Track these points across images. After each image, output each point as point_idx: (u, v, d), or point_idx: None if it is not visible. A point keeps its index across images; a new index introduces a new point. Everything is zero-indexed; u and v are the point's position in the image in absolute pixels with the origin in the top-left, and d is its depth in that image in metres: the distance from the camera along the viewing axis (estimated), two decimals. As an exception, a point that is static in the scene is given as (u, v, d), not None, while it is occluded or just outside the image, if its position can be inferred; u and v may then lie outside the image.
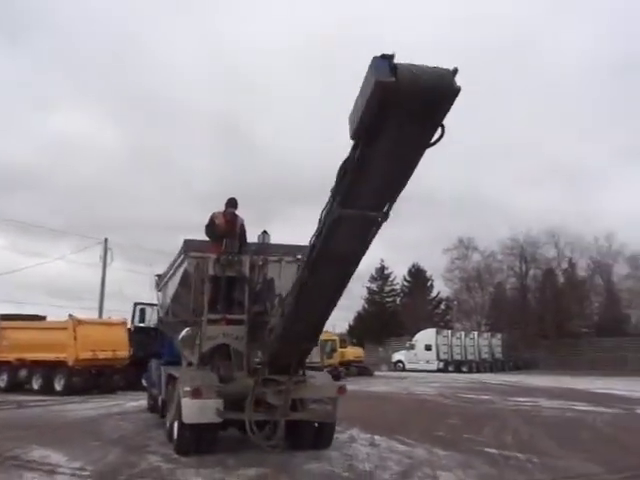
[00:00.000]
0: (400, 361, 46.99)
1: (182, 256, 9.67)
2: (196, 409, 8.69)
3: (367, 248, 6.47)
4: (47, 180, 71.19)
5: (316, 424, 9.44)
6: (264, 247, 9.73)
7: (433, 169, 77.96)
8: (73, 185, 71.58)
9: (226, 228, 9.48)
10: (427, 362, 45.17)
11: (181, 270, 9.99)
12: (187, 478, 7.62)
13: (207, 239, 9.62)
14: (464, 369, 44.89)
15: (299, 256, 9.68)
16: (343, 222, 5.89)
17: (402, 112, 4.56)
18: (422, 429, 12.23)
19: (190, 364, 9.07)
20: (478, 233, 66.95)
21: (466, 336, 48.99)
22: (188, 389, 8.70)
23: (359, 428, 11.89)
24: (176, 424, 9.30)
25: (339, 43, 76.84)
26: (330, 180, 5.69)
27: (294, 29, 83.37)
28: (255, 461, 8.60)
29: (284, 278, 9.57)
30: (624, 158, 73.57)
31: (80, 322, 21.71)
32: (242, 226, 9.72)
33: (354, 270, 6.87)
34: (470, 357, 47.52)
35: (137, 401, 18.15)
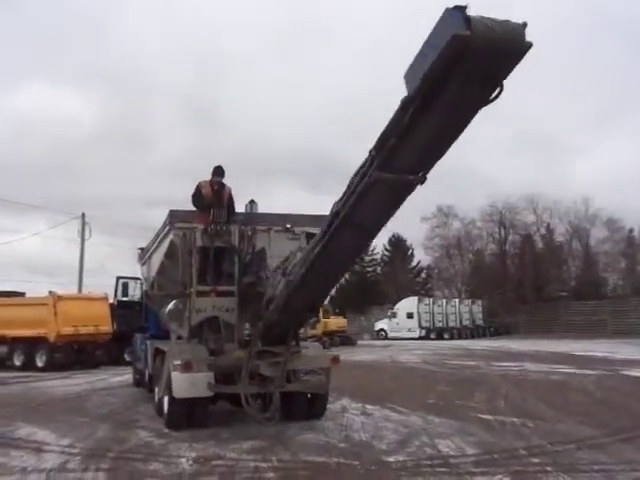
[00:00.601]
0: (382, 330, 47.19)
1: (167, 227, 9.34)
2: (187, 383, 8.48)
3: (394, 213, 6.27)
4: (17, 156, 69.46)
5: (309, 395, 9.29)
6: (252, 217, 9.44)
7: None
8: (43, 161, 70.02)
9: (213, 197, 9.13)
10: (409, 330, 45.40)
11: (167, 242, 9.66)
12: (180, 453, 7.43)
13: (193, 209, 9.28)
14: (446, 336, 45.21)
15: (288, 225, 9.48)
16: (379, 186, 5.63)
17: (471, 67, 4.28)
18: (413, 397, 12.19)
19: (179, 337, 8.82)
20: (457, 201, 66.89)
21: (447, 303, 49.28)
22: (178, 363, 8.47)
23: (349, 398, 11.79)
24: (166, 399, 9.08)
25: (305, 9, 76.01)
26: (300, 153, 5.49)
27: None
28: (248, 434, 8.45)
29: (273, 248, 9.32)
30: (598, 122, 73.83)
31: (60, 298, 21.28)
32: (230, 195, 9.39)
33: (374, 238, 6.68)
34: (451, 324, 47.85)
35: (122, 376, 17.90)
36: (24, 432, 8.94)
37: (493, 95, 4.63)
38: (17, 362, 21.18)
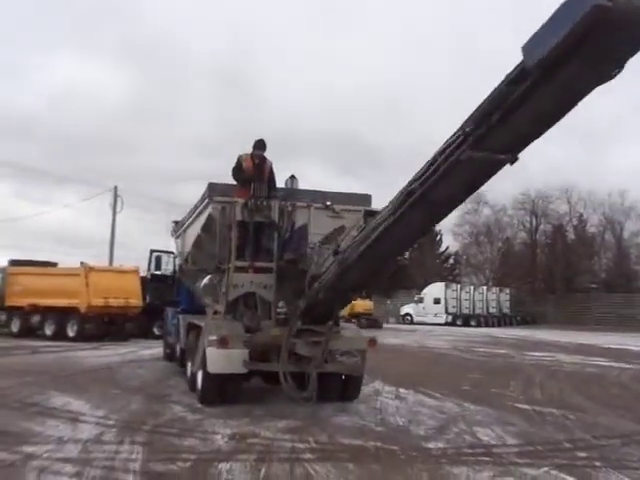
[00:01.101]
0: (408, 314, 47.02)
1: (206, 200, 9.19)
2: (222, 359, 8.38)
3: (473, 193, 6.01)
4: (50, 128, 70.13)
5: (343, 376, 9.14)
6: (292, 192, 9.24)
7: (442, 116, 77.12)
8: (75, 133, 70.69)
9: (254, 171, 8.95)
10: (435, 315, 45.19)
11: (205, 215, 9.53)
12: (215, 429, 7.33)
13: (232, 183, 9.12)
14: (472, 323, 44.90)
15: (328, 203, 9.27)
16: (467, 165, 5.29)
17: (604, 42, 3.93)
18: (446, 383, 11.98)
19: (215, 313, 8.70)
20: (488, 188, 65.93)
21: (475, 290, 48.89)
22: (214, 338, 8.36)
23: (381, 381, 11.64)
24: (200, 374, 9.02)
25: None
26: (329, 134, 5.17)
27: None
28: (282, 413, 8.34)
29: (312, 225, 9.16)
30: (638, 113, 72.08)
31: (92, 269, 21.46)
32: (271, 169, 9.20)
33: (445, 218, 6.45)
34: (478, 311, 47.51)
35: (151, 349, 18.00)
36: (59, 402, 8.93)
37: (612, 74, 4.25)
38: (48, 331, 21.47)
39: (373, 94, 77.72)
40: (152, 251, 22.93)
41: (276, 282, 8.71)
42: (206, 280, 10.36)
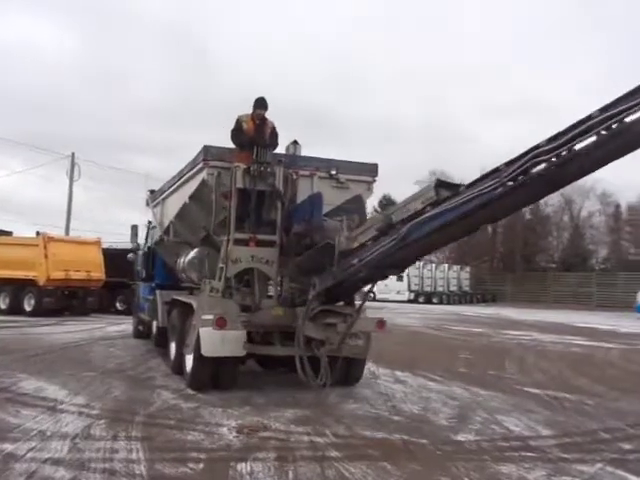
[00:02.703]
0: (371, 291, 46.63)
1: (199, 165, 8.24)
2: (218, 341, 7.57)
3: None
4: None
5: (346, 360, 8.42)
6: (295, 159, 8.38)
7: (399, 94, 76.48)
8: (21, 97, 67.33)
9: (255, 133, 8.05)
10: (398, 293, 44.86)
11: (196, 182, 8.58)
12: (217, 420, 6.55)
13: (229, 147, 8.21)
14: (434, 301, 44.83)
15: (333, 172, 8.49)
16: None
17: None
18: (439, 364, 11.47)
19: (212, 290, 7.85)
20: (451, 166, 66.11)
21: (436, 268, 48.79)
22: (209, 318, 7.53)
23: (372, 362, 10.99)
24: (190, 356, 8.19)
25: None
26: (287, 105, 4.27)
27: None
28: (284, 400, 7.63)
29: (315, 195, 8.34)
30: (591, 93, 72.97)
31: (52, 239, 20.19)
32: (273, 131, 8.28)
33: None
34: (439, 289, 47.45)
35: (118, 325, 17.02)
36: (30, 386, 8.01)
37: None
38: (2, 305, 20.20)
39: (333, 66, 76.55)
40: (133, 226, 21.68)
41: (279, 257, 7.90)
42: (193, 254, 9.49)
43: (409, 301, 43.97)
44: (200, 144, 8.28)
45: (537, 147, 4.81)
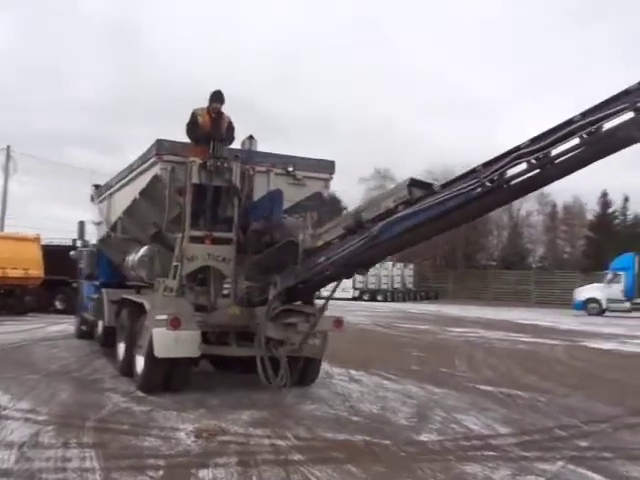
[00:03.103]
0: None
1: (152, 159, 7.95)
2: (172, 341, 7.31)
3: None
4: None
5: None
6: (251, 154, 8.19)
7: (339, 93, 76.74)
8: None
9: (211, 127, 7.82)
10: (343, 290, 44.72)
11: (148, 176, 8.28)
12: (173, 424, 6.32)
13: (184, 141, 7.95)
14: (379, 298, 45.24)
15: (290, 169, 8.34)
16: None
17: None
18: (391, 362, 11.49)
19: (166, 289, 7.59)
20: (396, 165, 66.80)
21: (381, 266, 49.13)
22: (163, 318, 7.27)
23: (324, 361, 10.88)
24: (140, 357, 7.91)
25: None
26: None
27: None
28: (239, 401, 7.47)
29: (271, 192, 8.19)
30: (528, 92, 75.11)
31: (-13, 235, 19.27)
32: (230, 125, 8.06)
33: None
34: (384, 287, 47.88)
35: (59, 325, 16.39)
36: (-31, 391, 7.56)
37: None
38: None
39: (273, 60, 76.28)
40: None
41: (236, 255, 7.70)
42: (143, 251, 9.17)
43: (354, 299, 44.17)
44: (142, 139, 8.06)
45: (518, 149, 4.85)
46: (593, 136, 4.51)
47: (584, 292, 34.24)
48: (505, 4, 74.28)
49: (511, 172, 4.94)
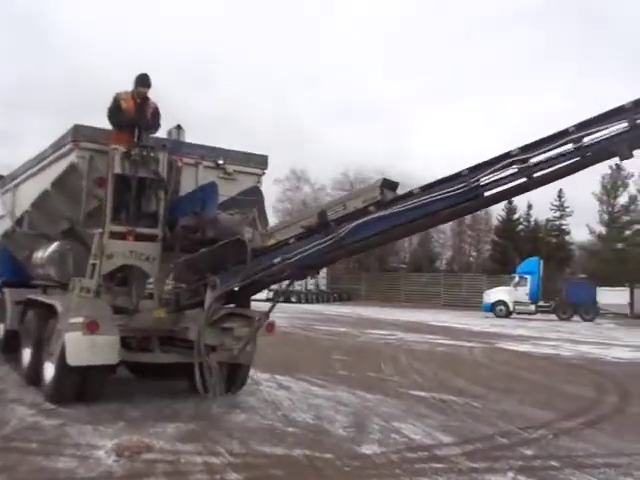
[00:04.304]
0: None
1: (68, 146, 7.18)
2: (87, 347, 6.61)
3: None
4: None
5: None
6: (179, 145, 7.58)
7: (251, 93, 76.12)
8: None
9: (136, 113, 7.14)
10: (257, 291, 44.47)
11: (62, 165, 7.48)
12: (89, 441, 5.65)
13: (105, 128, 7.24)
14: (293, 299, 44.86)
15: (220, 162, 7.81)
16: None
17: None
18: (317, 367, 11.16)
19: (82, 290, 6.85)
20: (310, 166, 66.91)
21: (295, 267, 49.04)
22: (78, 321, 6.56)
23: (248, 365, 10.43)
24: (50, 365, 7.14)
25: None
26: None
27: None
28: (161, 413, 6.87)
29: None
30: (431, 99, 77.59)
31: None
32: (156, 111, 7.40)
33: None
34: (298, 288, 47.59)
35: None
36: None
37: None
38: None
39: (185, 55, 74.73)
40: None
41: (162, 253, 7.07)
42: (54, 248, 8.34)
43: (267, 300, 43.52)
44: (40, 131, 7.27)
45: (508, 155, 4.96)
46: (585, 149, 4.71)
47: (493, 295, 35.34)
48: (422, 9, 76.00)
49: (498, 178, 5.04)
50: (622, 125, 4.57)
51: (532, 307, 34.24)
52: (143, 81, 7.27)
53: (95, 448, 5.43)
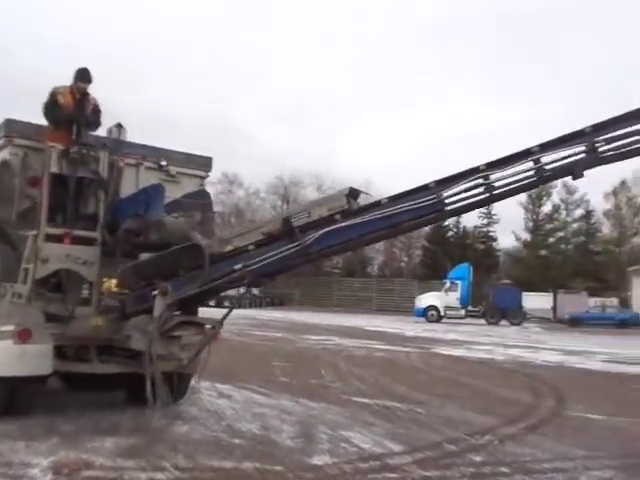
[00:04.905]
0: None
1: (0, 142, 6.74)
2: (18, 357, 6.22)
3: None
4: None
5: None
6: (120, 144, 7.22)
7: (184, 93, 75.12)
8: None
9: (75, 109, 6.76)
10: (188, 296, 43.72)
11: (-8, 162, 7.02)
12: (22, 458, 5.26)
13: (41, 124, 6.83)
14: (225, 304, 44.23)
15: (163, 163, 7.52)
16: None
17: None
18: (256, 373, 11.00)
19: (14, 295, 6.41)
20: (243, 169, 66.42)
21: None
22: (9, 329, 6.15)
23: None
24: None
25: None
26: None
27: None
28: (97, 425, 6.48)
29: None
30: (364, 104, 78.44)
31: None
32: (96, 108, 7.03)
33: None
34: (230, 292, 46.96)
35: None
36: None
37: None
38: None
39: (112, 52, 72.86)
40: None
41: (101, 258, 6.71)
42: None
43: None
44: None
45: (475, 170, 5.26)
46: (543, 169, 5.12)
47: (424, 300, 36.02)
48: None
49: (462, 192, 5.32)
50: (580, 148, 5.04)
51: (462, 312, 35.09)
52: (83, 76, 6.90)
53: (29, 466, 5.05)
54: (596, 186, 47.40)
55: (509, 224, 55.24)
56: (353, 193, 5.77)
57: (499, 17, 72.90)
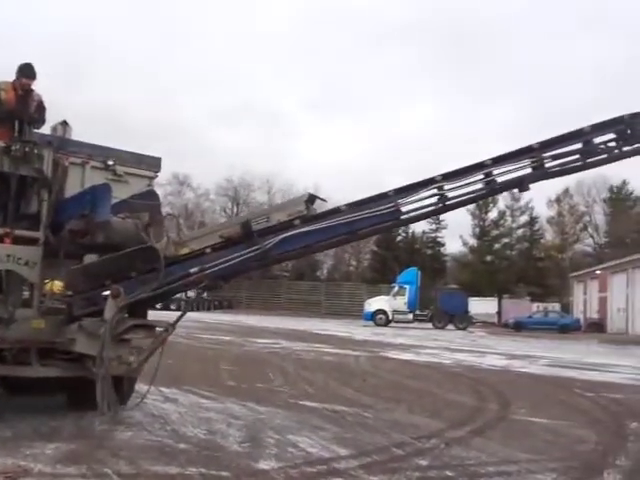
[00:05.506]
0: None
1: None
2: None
3: None
4: None
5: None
6: (65, 143, 7.02)
7: (134, 93, 74.06)
8: None
9: (18, 106, 6.53)
10: (134, 298, 42.95)
11: None
12: (-43, 467, 5.06)
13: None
14: (172, 307, 43.65)
15: (110, 162, 7.36)
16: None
17: None
18: (203, 377, 10.91)
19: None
20: (193, 171, 65.69)
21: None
22: (-56, 332, 5.89)
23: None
24: None
25: None
26: None
27: None
28: (36, 431, 6.29)
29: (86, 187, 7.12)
30: (314, 109, 78.98)
31: None
32: (40, 105, 6.80)
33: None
34: (177, 295, 46.47)
35: None
36: None
37: None
38: None
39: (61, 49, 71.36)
40: None
41: (43, 258, 6.49)
42: None
43: (147, 307, 42.32)
44: None
45: (432, 181, 5.54)
46: (493, 181, 5.47)
47: (373, 304, 36.34)
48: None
49: (418, 201, 5.61)
50: (527, 162, 5.43)
51: (410, 316, 35.55)
52: (27, 71, 6.68)
53: (-38, 475, 4.86)
54: (540, 193, 48.88)
55: (457, 229, 56.43)
56: (311, 199, 5.86)
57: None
